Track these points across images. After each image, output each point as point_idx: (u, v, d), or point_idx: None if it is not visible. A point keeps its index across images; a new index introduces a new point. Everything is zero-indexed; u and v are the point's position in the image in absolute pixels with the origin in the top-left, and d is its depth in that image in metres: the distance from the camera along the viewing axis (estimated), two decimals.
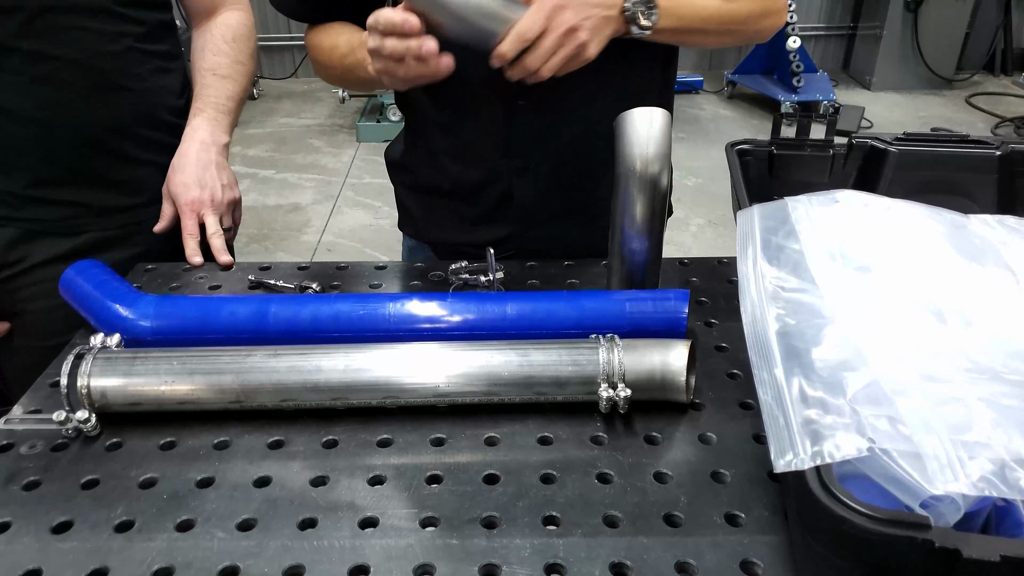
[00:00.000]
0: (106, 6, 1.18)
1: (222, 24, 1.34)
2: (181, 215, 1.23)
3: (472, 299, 0.96)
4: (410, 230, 1.38)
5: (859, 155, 1.25)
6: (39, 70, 1.14)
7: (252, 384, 0.83)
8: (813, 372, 0.59)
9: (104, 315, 0.96)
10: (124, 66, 1.21)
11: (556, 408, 0.86)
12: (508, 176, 1.21)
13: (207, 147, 1.26)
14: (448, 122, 1.19)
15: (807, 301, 0.68)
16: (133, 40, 1.22)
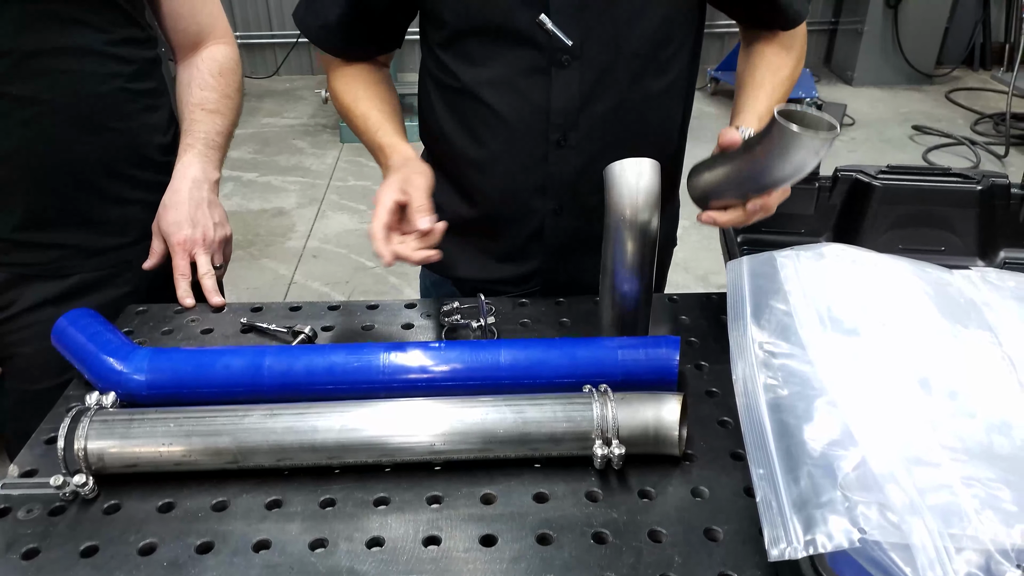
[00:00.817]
0: (96, 47, 1.17)
1: (208, 58, 1.33)
2: (172, 254, 1.22)
3: (465, 348, 0.97)
4: (433, 265, 1.35)
5: (844, 188, 1.28)
6: (27, 113, 1.14)
7: (249, 445, 0.84)
8: (805, 452, 0.60)
9: (98, 368, 0.96)
10: (112, 106, 1.21)
11: (551, 462, 0.87)
12: (541, 215, 1.21)
13: (199, 184, 1.26)
14: (485, 161, 1.19)
15: (797, 369, 0.70)
16: (123, 80, 1.21)
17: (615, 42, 1.06)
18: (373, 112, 1.18)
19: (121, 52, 1.20)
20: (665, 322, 1.15)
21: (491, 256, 1.28)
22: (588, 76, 1.08)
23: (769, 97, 1.14)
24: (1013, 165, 4.51)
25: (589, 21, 1.04)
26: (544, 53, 1.06)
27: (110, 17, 1.18)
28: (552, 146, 1.13)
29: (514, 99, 1.11)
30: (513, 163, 1.17)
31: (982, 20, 5.97)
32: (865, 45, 5.77)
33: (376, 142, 1.16)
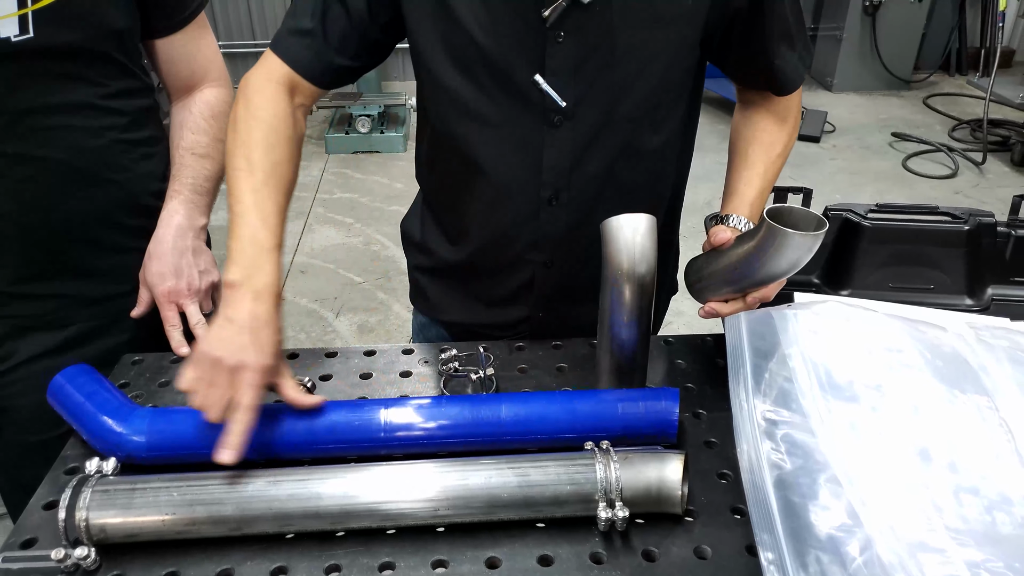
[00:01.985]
0: (89, 101, 1.16)
1: (201, 101, 1.33)
2: (159, 306, 1.22)
3: (465, 404, 0.98)
4: (422, 307, 1.36)
5: (834, 227, 1.29)
6: (22, 171, 1.13)
7: (252, 513, 0.84)
8: (812, 535, 0.61)
9: (97, 430, 0.95)
10: (108, 159, 1.20)
11: (554, 523, 0.88)
12: (532, 267, 1.20)
13: (183, 232, 1.25)
14: (477, 213, 1.18)
15: (800, 439, 0.71)
16: (117, 132, 1.21)
17: (609, 106, 1.06)
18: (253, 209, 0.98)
19: (116, 104, 1.20)
20: (661, 366, 1.16)
21: (481, 302, 1.28)
22: (580, 137, 1.07)
23: (762, 179, 1.13)
24: (991, 172, 4.57)
25: (584, 84, 1.03)
26: (538, 112, 1.06)
27: (105, 70, 1.18)
28: (544, 203, 1.12)
29: (506, 156, 1.10)
30: (504, 218, 1.16)
31: (958, 26, 6.05)
32: (844, 51, 5.83)
33: (233, 240, 0.97)
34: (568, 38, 1.00)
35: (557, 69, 1.02)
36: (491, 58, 1.03)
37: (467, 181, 1.15)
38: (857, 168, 4.68)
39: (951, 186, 4.42)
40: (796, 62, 1.13)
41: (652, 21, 1.01)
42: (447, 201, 1.23)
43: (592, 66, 1.03)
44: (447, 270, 1.28)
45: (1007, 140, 4.74)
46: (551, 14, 0.97)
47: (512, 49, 1.02)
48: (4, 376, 1.22)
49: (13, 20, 1.07)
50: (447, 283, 1.30)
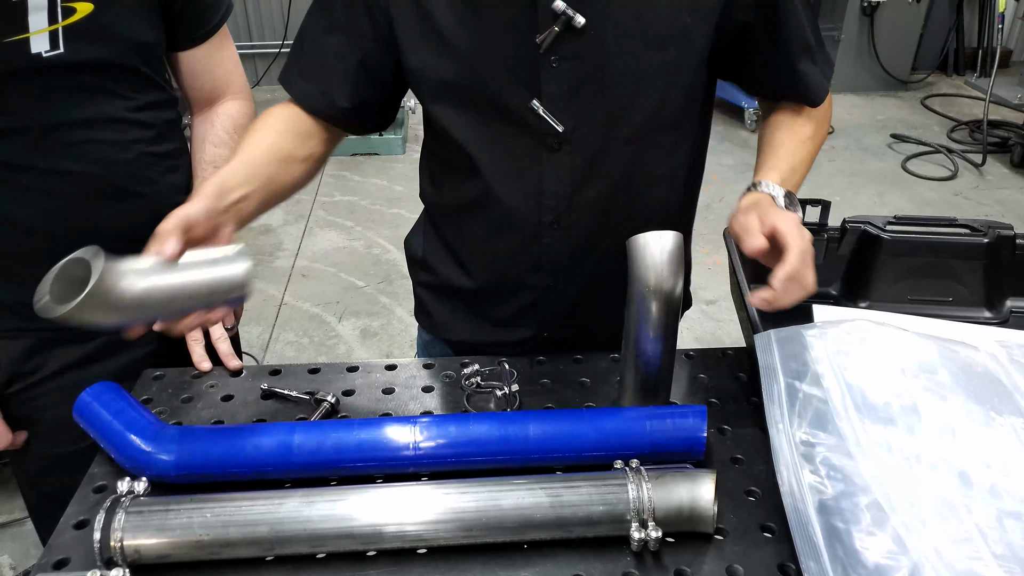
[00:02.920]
0: (118, 115, 1.17)
1: (223, 114, 1.33)
2: None
3: (493, 422, 0.98)
4: (426, 324, 1.36)
5: (852, 239, 1.29)
6: (51, 185, 1.14)
7: (286, 534, 0.84)
8: (859, 562, 0.61)
9: (125, 448, 0.95)
10: (135, 172, 1.21)
11: (585, 542, 0.88)
12: (536, 290, 1.20)
13: None
14: (481, 237, 1.18)
15: (838, 463, 0.71)
16: (144, 145, 1.21)
17: (607, 129, 1.05)
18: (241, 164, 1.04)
19: (143, 117, 1.21)
20: (683, 380, 1.16)
21: (486, 321, 1.27)
22: (580, 161, 1.07)
23: (791, 155, 1.09)
24: (990, 174, 4.59)
25: (581, 108, 1.03)
26: (536, 137, 1.05)
27: (132, 84, 1.19)
28: (545, 227, 1.12)
29: (506, 181, 1.10)
30: (506, 242, 1.16)
31: (955, 26, 6.07)
32: (842, 52, 5.84)
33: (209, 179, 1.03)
34: (563, 63, 0.99)
35: (553, 94, 1.02)
36: (486, 88, 1.03)
37: (469, 204, 1.15)
38: (856, 170, 4.69)
39: (951, 188, 4.44)
40: (820, 72, 1.12)
41: (647, 43, 1.00)
42: (450, 222, 1.23)
43: (588, 90, 1.02)
44: (451, 289, 1.27)
45: (1006, 141, 4.77)
46: (544, 40, 0.96)
47: (507, 77, 1.02)
48: (31, 389, 1.22)
49: (44, 36, 1.08)
50: (452, 302, 1.29)
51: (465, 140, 1.09)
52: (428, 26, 1.01)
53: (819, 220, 1.30)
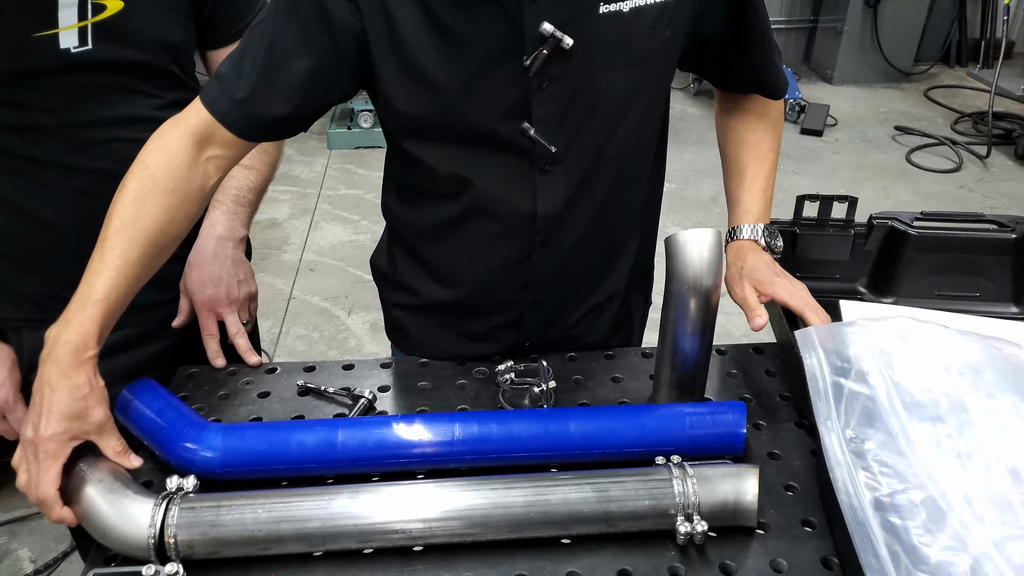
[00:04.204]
0: (145, 114, 1.16)
1: None
2: (198, 314, 1.22)
3: (534, 417, 0.99)
4: (402, 344, 1.30)
5: (879, 235, 1.30)
6: (78, 183, 1.14)
7: (336, 530, 0.85)
8: (918, 558, 0.63)
9: (170, 446, 0.96)
10: None
11: (629, 536, 0.89)
12: (521, 307, 1.19)
13: (224, 242, 1.26)
14: (469, 258, 1.15)
15: (890, 460, 0.72)
16: None
17: (597, 146, 1.05)
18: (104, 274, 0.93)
19: (169, 116, 1.18)
20: (715, 376, 1.17)
21: (465, 337, 1.24)
22: (572, 180, 1.06)
23: (757, 180, 1.17)
24: (995, 165, 4.60)
25: (570, 128, 1.02)
26: (527, 160, 1.04)
27: (160, 83, 1.19)
28: (536, 247, 1.11)
29: (498, 204, 1.08)
30: (495, 262, 1.14)
31: (958, 18, 6.07)
32: (845, 44, 5.83)
33: (72, 309, 0.92)
34: (552, 84, 0.98)
35: (543, 116, 1.00)
36: (474, 118, 1.00)
37: (456, 226, 1.12)
38: (860, 163, 4.70)
39: (956, 180, 4.45)
40: (779, 66, 1.15)
41: (632, 61, 1.00)
42: (428, 241, 1.18)
43: (578, 110, 1.01)
44: (431, 307, 1.23)
45: (1010, 133, 4.77)
46: (533, 63, 0.94)
47: (496, 104, 0.99)
48: None
49: (73, 32, 1.07)
50: (431, 320, 1.25)
51: (449, 169, 1.06)
52: (408, 63, 0.97)
53: (846, 216, 1.31)
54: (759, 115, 1.20)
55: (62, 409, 0.86)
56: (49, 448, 0.86)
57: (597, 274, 1.21)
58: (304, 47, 0.96)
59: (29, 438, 0.87)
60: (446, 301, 1.20)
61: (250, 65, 0.98)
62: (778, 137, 1.21)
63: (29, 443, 0.87)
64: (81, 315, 0.91)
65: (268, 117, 1.00)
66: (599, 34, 0.96)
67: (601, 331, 1.26)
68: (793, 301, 1.02)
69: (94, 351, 0.90)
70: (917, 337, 0.86)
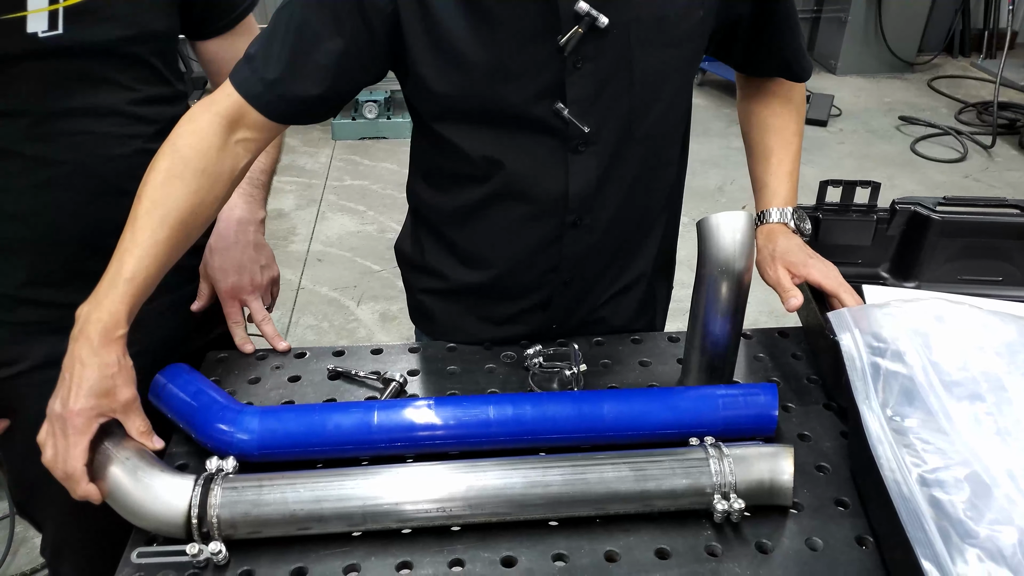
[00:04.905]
0: (118, 107, 1.10)
1: None
2: (223, 302, 1.21)
3: (567, 400, 0.99)
4: (427, 329, 1.30)
5: (902, 220, 1.31)
6: (41, 175, 1.07)
7: (378, 509, 0.86)
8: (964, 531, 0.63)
9: (207, 429, 0.97)
10: (130, 169, 1.09)
11: (665, 516, 0.90)
12: (551, 288, 1.19)
13: (244, 226, 1.23)
14: (500, 240, 1.15)
15: (931, 438, 0.73)
16: (143, 141, 1.13)
17: (629, 126, 1.06)
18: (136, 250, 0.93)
19: (145, 112, 1.14)
20: (742, 360, 1.17)
21: (491, 320, 1.24)
22: (603, 160, 1.07)
23: (783, 164, 1.18)
24: (999, 155, 4.61)
25: (604, 108, 1.02)
26: (560, 140, 1.04)
27: (138, 75, 1.12)
28: (568, 228, 1.12)
29: (530, 185, 1.08)
30: (527, 244, 1.14)
31: (961, 8, 6.06)
32: (849, 34, 5.83)
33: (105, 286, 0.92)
34: (587, 64, 0.98)
35: (578, 96, 1.00)
36: (508, 99, 1.00)
37: (486, 209, 1.12)
38: (864, 152, 4.70)
39: (960, 170, 4.46)
40: (804, 48, 1.16)
41: (666, 42, 1.01)
42: (462, 226, 1.17)
43: (612, 90, 1.02)
44: (459, 291, 1.23)
45: (1015, 123, 4.77)
46: (568, 42, 0.94)
47: (529, 84, 0.99)
48: (13, 380, 1.18)
49: (43, 15, 1.00)
50: (459, 304, 1.25)
51: (480, 151, 1.06)
52: (441, 43, 0.97)
53: (868, 201, 1.32)
54: (783, 99, 1.21)
55: (91, 385, 0.87)
56: (77, 423, 0.86)
57: (625, 255, 1.21)
58: (335, 27, 0.96)
59: (57, 412, 0.87)
60: (475, 284, 1.20)
61: (280, 46, 0.98)
62: (802, 121, 1.22)
63: (57, 418, 0.87)
64: (111, 294, 0.91)
65: (299, 99, 1.00)
66: (634, 13, 0.96)
67: (626, 314, 1.26)
68: (828, 282, 1.03)
69: (123, 330, 0.91)
70: (952, 318, 0.87)
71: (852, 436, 0.97)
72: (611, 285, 1.24)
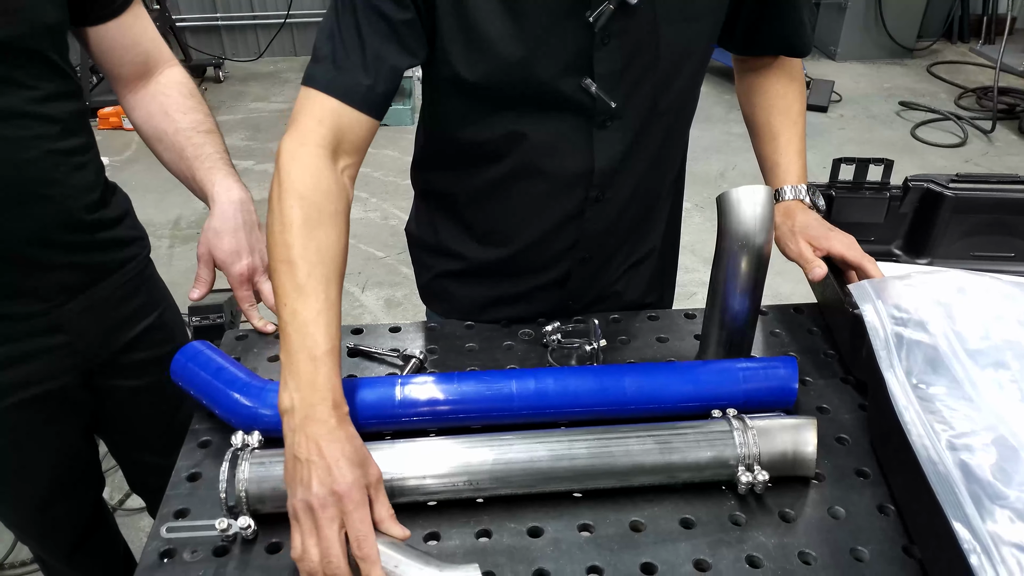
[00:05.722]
0: (21, 108, 1.05)
1: (172, 83, 1.26)
2: (234, 286, 1.19)
3: (589, 374, 1.00)
4: (443, 310, 1.30)
5: (915, 197, 1.31)
6: None
7: (406, 484, 0.86)
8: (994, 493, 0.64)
9: (231, 405, 0.97)
10: (40, 173, 1.09)
11: (688, 488, 0.91)
12: (569, 263, 1.20)
13: (246, 205, 1.21)
14: (521, 217, 1.15)
15: (957, 406, 0.74)
16: (49, 142, 1.09)
17: (653, 101, 1.07)
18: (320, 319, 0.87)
19: (47, 110, 1.09)
20: (759, 335, 1.18)
21: (509, 298, 1.24)
22: (628, 135, 1.08)
23: (792, 143, 1.21)
24: (999, 140, 4.62)
25: (629, 84, 1.03)
26: (586, 116, 1.05)
27: (36, 71, 1.06)
28: (590, 203, 1.12)
29: (555, 161, 1.09)
30: (549, 220, 1.15)
31: None
32: (848, 20, 5.82)
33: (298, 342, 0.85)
34: (614, 40, 0.99)
35: (605, 72, 1.01)
36: (537, 74, 1.00)
37: (507, 186, 1.13)
38: (865, 138, 4.71)
39: (960, 155, 4.46)
40: (808, 22, 1.17)
41: (689, 17, 1.02)
42: (481, 206, 1.17)
43: (638, 65, 1.02)
44: (478, 271, 1.24)
45: (1014, 108, 4.78)
46: (598, 18, 0.95)
47: (558, 60, 0.99)
48: None
49: None
50: (476, 283, 1.25)
51: (504, 127, 1.06)
52: (471, 19, 0.96)
53: (881, 179, 1.32)
54: (787, 76, 1.22)
55: (350, 457, 0.79)
56: (355, 496, 0.77)
57: (639, 229, 1.23)
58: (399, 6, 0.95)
59: (321, 498, 0.76)
60: (494, 262, 1.21)
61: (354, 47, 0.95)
62: (804, 97, 1.24)
63: (321, 505, 0.76)
64: (321, 371, 0.83)
65: (381, 94, 0.98)
66: None
67: (639, 288, 1.28)
68: (850, 254, 1.04)
69: (346, 406, 0.85)
70: (973, 289, 0.88)
71: (872, 407, 0.98)
72: (626, 259, 1.25)
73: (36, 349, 1.19)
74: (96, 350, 1.25)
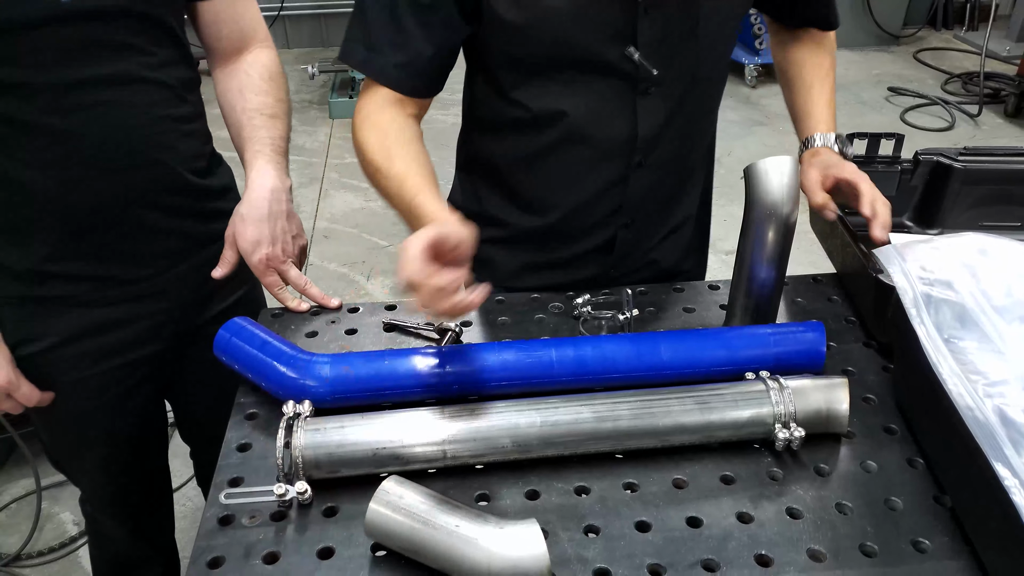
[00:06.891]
0: (138, 74, 1.10)
1: (256, 63, 1.30)
2: (257, 273, 1.21)
3: (625, 341, 1.03)
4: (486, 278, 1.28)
5: (925, 170, 1.35)
6: (64, 149, 1.07)
7: (457, 446, 0.89)
8: None
9: (278, 378, 0.99)
10: (152, 137, 1.15)
11: (725, 446, 0.95)
12: (614, 228, 1.24)
13: (278, 195, 1.23)
14: (566, 182, 1.20)
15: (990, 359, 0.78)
16: (163, 107, 1.15)
17: (693, 68, 1.11)
18: (411, 176, 1.05)
19: (163, 76, 1.14)
20: (782, 304, 1.21)
21: (551, 264, 1.28)
22: (670, 102, 1.12)
23: (822, 94, 1.27)
24: (986, 124, 4.68)
25: (670, 52, 1.07)
26: (629, 83, 1.09)
27: (155, 37, 1.12)
28: (633, 168, 1.17)
29: (600, 128, 1.13)
30: (593, 185, 1.19)
31: None
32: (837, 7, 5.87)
33: (415, 207, 1.03)
34: (655, 9, 1.04)
35: (648, 40, 1.05)
36: (582, 42, 1.05)
37: (552, 154, 1.17)
38: (856, 123, 4.76)
39: (949, 138, 4.53)
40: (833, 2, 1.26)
41: None
42: (527, 173, 1.22)
43: (678, 33, 1.07)
44: (521, 237, 1.28)
45: (999, 92, 4.85)
46: None
47: (603, 28, 1.04)
48: (43, 355, 1.21)
49: None
50: (520, 250, 1.29)
51: (548, 97, 1.11)
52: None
53: (892, 153, 1.36)
54: (816, 43, 1.30)
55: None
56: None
57: (677, 195, 1.28)
58: None
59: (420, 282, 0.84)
60: (538, 229, 1.25)
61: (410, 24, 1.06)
62: (834, 63, 1.30)
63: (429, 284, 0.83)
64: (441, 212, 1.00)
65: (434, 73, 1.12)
66: None
67: (676, 254, 1.33)
68: (856, 177, 1.11)
69: None
70: (995, 250, 0.92)
71: (898, 366, 1.02)
72: (664, 225, 1.29)
73: (138, 314, 1.24)
74: (192, 318, 1.27)
